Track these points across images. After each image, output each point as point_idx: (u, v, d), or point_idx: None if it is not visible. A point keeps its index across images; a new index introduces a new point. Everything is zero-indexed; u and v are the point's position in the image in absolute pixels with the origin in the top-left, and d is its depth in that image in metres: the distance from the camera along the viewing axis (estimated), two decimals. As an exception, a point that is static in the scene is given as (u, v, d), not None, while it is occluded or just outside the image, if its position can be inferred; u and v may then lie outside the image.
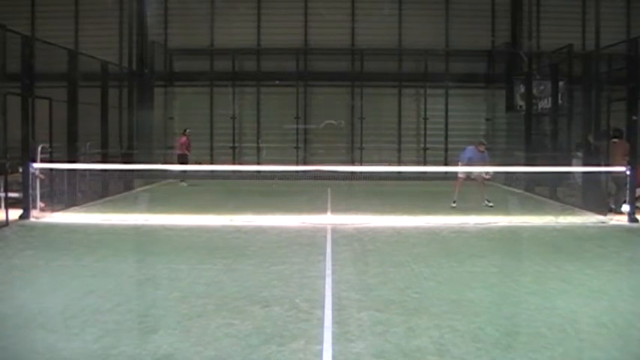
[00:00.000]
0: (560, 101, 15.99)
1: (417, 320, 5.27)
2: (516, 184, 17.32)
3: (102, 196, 14.53)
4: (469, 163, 13.42)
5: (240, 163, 20.32)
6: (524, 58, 19.93)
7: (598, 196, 12.43)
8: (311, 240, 9.28)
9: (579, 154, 13.94)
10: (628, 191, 11.53)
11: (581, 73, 14.14)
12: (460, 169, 13.64)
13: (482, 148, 13.53)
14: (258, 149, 20.97)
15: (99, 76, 15.76)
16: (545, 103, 17.29)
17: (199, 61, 21.34)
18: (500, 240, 9.65)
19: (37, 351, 4.53)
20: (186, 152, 18.15)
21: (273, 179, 16.73)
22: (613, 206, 12.13)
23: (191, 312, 5.49)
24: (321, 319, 5.28)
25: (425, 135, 21.15)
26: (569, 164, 14.34)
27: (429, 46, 20.79)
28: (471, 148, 13.61)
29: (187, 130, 18.65)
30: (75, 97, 13.85)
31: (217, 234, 9.87)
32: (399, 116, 21.29)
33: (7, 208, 10.67)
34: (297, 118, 21.27)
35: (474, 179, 13.67)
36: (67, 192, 12.86)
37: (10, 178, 11.61)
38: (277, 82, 21.13)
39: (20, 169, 11.60)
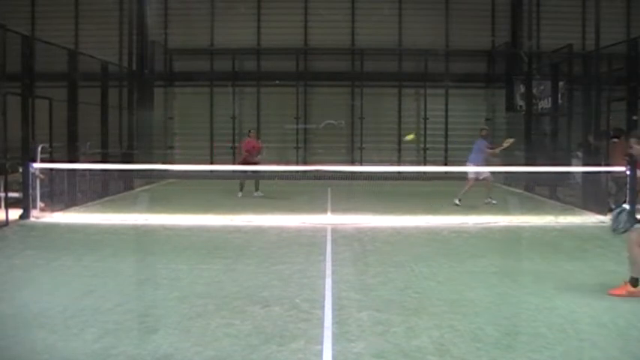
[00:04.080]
0: (560, 101, 15.99)
1: (417, 320, 5.27)
2: (516, 184, 17.32)
3: (102, 196, 14.53)
4: (479, 160, 13.40)
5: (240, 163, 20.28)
6: (524, 58, 19.93)
7: (598, 196, 12.43)
8: (311, 240, 9.28)
9: (579, 154, 13.95)
10: (628, 191, 11.51)
11: (581, 73, 14.14)
12: (472, 168, 13.56)
13: (484, 132, 13.79)
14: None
15: (99, 76, 15.76)
16: (545, 103, 17.30)
17: (199, 61, 21.33)
18: (500, 240, 9.65)
19: (37, 351, 4.53)
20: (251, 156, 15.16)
21: (273, 179, 16.73)
22: (613, 206, 12.11)
23: (191, 312, 5.49)
24: (321, 319, 5.28)
25: (425, 135, 21.15)
26: (569, 164, 14.34)
27: (429, 46, 20.77)
28: (477, 142, 13.66)
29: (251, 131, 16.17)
30: (75, 97, 13.85)
31: (217, 234, 9.88)
32: (399, 116, 21.29)
33: (7, 208, 10.66)
34: (297, 118, 21.27)
35: (483, 179, 13.65)
36: (67, 192, 12.86)
37: (10, 178, 11.60)
38: (277, 82, 21.12)
39: (20, 169, 11.60)
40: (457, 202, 13.19)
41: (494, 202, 13.33)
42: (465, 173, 13.81)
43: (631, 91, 12.08)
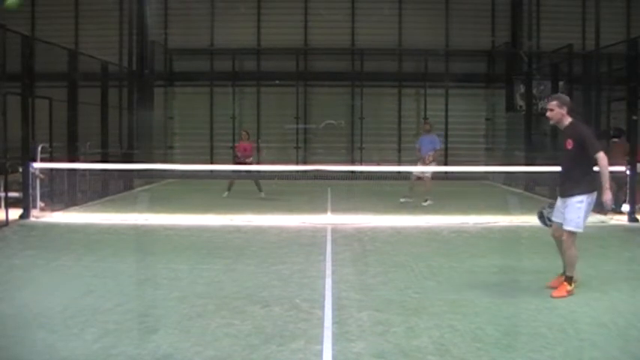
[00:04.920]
0: (560, 101, 15.97)
1: (417, 320, 5.27)
2: (516, 184, 17.32)
3: (102, 196, 14.53)
4: (423, 153, 13.70)
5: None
6: (524, 58, 19.93)
7: (598, 196, 12.41)
8: (311, 240, 9.28)
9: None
10: (628, 191, 11.52)
11: (581, 73, 14.14)
12: (414, 168, 13.87)
13: (427, 127, 13.84)
14: (258, 149, 20.93)
15: (99, 76, 15.76)
16: (545, 103, 17.27)
17: (199, 61, 21.32)
18: (500, 240, 9.65)
19: (37, 351, 4.53)
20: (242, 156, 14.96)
21: (273, 179, 16.73)
22: (613, 206, 12.10)
23: (191, 312, 5.49)
24: (321, 319, 5.28)
25: (425, 135, 21.12)
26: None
27: (429, 46, 20.77)
28: (429, 137, 13.90)
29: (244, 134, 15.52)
30: (75, 97, 13.86)
31: (217, 234, 9.87)
32: (399, 116, 21.28)
33: (7, 208, 10.66)
34: (297, 118, 21.26)
35: (420, 179, 13.81)
36: (67, 192, 12.86)
37: (10, 178, 11.61)
38: (277, 82, 21.12)
39: (20, 169, 11.60)
40: (426, 203, 13.28)
41: (425, 203, 13.41)
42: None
43: (631, 91, 12.07)
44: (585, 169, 6.08)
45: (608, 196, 6.05)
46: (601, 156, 6.02)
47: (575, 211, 6.09)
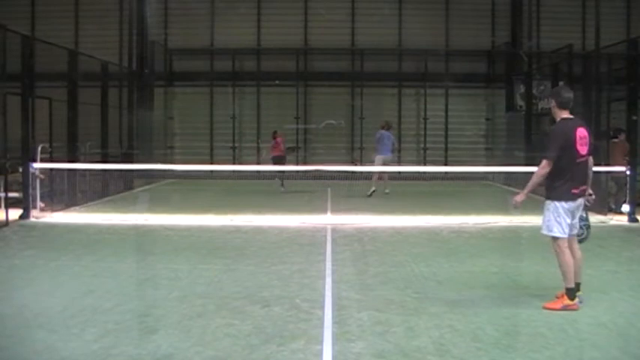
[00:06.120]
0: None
1: (417, 320, 5.27)
2: (516, 184, 17.30)
3: (102, 196, 14.53)
4: (389, 151, 14.84)
5: (240, 163, 20.32)
6: (524, 58, 19.93)
7: (598, 196, 12.41)
8: (311, 240, 9.28)
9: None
10: (628, 191, 11.53)
11: (581, 73, 14.13)
12: (379, 168, 14.76)
13: (382, 123, 14.88)
14: (258, 149, 20.94)
15: (99, 76, 15.76)
16: (545, 103, 17.30)
17: (199, 61, 21.32)
18: (501, 240, 9.65)
19: (37, 351, 4.53)
20: (283, 154, 16.67)
21: (273, 179, 16.74)
22: (613, 206, 12.12)
23: (191, 312, 5.49)
24: (321, 319, 5.28)
25: (425, 135, 21.14)
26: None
27: (429, 46, 20.77)
28: (384, 134, 14.96)
29: (278, 132, 17.14)
30: (75, 97, 13.86)
31: (217, 234, 9.88)
32: (399, 116, 21.27)
33: (7, 208, 10.66)
34: (297, 118, 21.26)
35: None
36: (67, 192, 12.85)
37: (10, 178, 11.61)
38: (277, 82, 21.12)
39: (20, 169, 11.60)
40: (386, 191, 14.44)
41: (373, 190, 14.59)
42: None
43: (631, 91, 12.07)
44: (557, 173, 5.69)
45: (517, 198, 6.01)
46: (542, 164, 5.79)
47: (544, 214, 5.92)
